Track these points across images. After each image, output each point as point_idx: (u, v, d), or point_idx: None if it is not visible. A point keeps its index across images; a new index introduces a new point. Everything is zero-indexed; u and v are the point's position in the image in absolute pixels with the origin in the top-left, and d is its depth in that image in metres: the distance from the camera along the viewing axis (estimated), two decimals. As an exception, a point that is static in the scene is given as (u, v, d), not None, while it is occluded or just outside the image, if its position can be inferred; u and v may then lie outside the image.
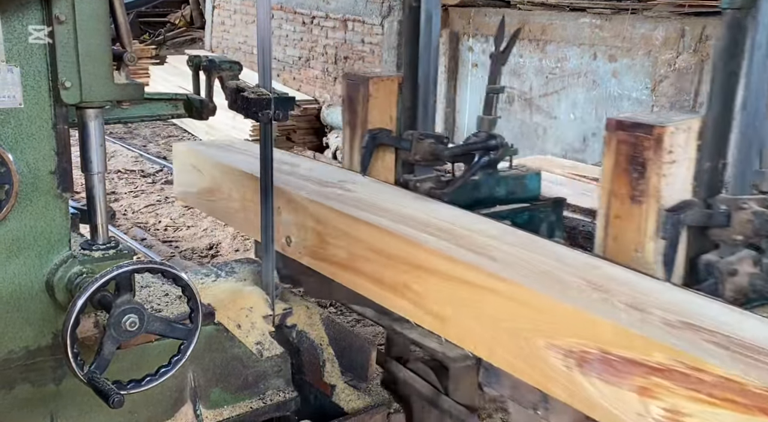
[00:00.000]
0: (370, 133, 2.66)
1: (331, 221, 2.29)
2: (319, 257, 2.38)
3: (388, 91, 2.69)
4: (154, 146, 8.75)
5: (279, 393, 2.48)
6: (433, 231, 2.09)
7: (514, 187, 2.69)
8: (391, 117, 2.72)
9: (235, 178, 2.70)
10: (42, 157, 1.80)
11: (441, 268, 1.92)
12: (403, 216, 2.22)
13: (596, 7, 6.19)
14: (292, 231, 2.46)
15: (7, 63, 1.71)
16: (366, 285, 2.20)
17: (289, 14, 9.57)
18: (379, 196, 2.45)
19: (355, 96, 2.71)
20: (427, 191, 2.53)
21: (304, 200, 2.39)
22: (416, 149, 2.60)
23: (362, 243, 2.17)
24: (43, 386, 2.00)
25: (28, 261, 1.85)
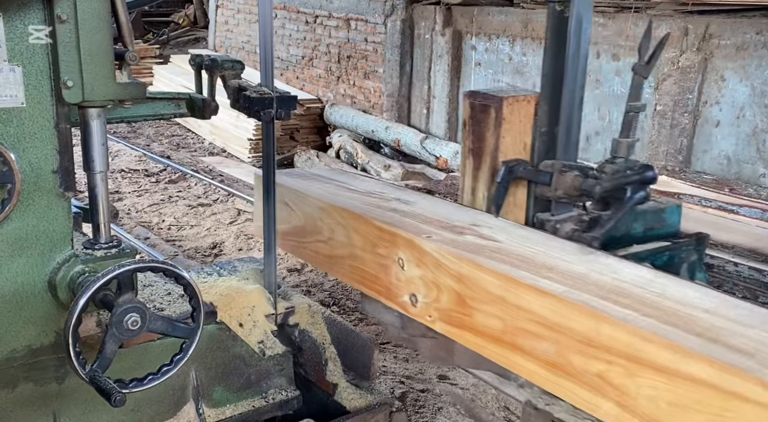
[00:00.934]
0: (507, 166, 2.26)
1: (478, 281, 1.83)
2: (460, 325, 1.92)
3: (524, 113, 2.28)
4: (158, 145, 8.76)
5: (281, 391, 2.49)
6: (631, 302, 1.61)
7: (653, 222, 2.28)
8: (525, 144, 2.30)
9: (341, 219, 2.26)
10: (44, 156, 1.81)
11: (659, 360, 1.44)
12: (577, 277, 1.75)
13: (599, 5, 6.18)
14: (420, 289, 2.01)
15: (9, 62, 1.71)
16: (533, 368, 1.72)
17: (292, 13, 9.57)
18: (529, 246, 1.99)
19: (484, 119, 2.29)
20: (569, 234, 2.16)
21: (438, 252, 1.94)
22: (558, 183, 2.21)
23: (526, 313, 1.71)
24: (46, 385, 2.01)
25: (30, 260, 1.86)
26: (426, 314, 2.01)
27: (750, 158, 5.40)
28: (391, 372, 3.63)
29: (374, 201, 2.31)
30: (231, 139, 8.39)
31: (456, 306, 1.91)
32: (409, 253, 2.02)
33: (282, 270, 4.85)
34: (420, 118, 7.93)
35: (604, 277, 1.76)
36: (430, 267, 1.96)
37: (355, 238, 2.21)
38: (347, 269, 2.28)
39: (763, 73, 5.26)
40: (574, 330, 1.59)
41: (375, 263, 2.14)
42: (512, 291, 1.74)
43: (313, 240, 2.41)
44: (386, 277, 2.11)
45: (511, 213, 2.30)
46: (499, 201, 2.28)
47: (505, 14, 6.86)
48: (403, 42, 7.87)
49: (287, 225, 2.51)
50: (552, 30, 2.29)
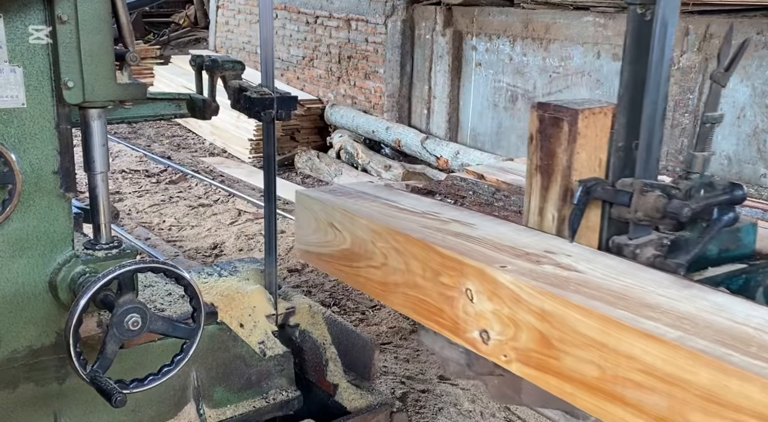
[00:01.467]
0: (585, 186, 2.04)
1: (566, 320, 1.63)
2: (544, 368, 1.71)
3: (600, 128, 2.07)
4: (159, 146, 8.76)
5: (282, 392, 2.49)
6: (757, 350, 1.41)
7: (728, 243, 2.10)
8: (600, 161, 2.10)
9: (396, 243, 2.09)
10: (45, 156, 1.81)
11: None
12: (686, 318, 1.55)
13: (600, 5, 6.18)
14: (493, 326, 1.81)
15: (9, 63, 1.72)
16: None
17: (293, 14, 9.58)
18: (617, 277, 1.79)
19: (555, 133, 2.09)
20: (650, 260, 1.97)
21: (515, 285, 1.74)
22: (638, 204, 2.01)
23: (631, 360, 1.51)
24: (47, 385, 2.01)
25: (31, 260, 1.86)
26: (500, 353, 1.81)
27: (751, 158, 5.40)
28: (392, 373, 3.64)
29: (431, 222, 2.14)
30: (231, 140, 8.39)
31: (539, 347, 1.71)
32: (479, 284, 1.83)
33: (282, 271, 4.85)
34: (420, 118, 7.93)
35: (719, 319, 1.55)
36: (507, 301, 1.77)
37: (413, 265, 2.03)
38: (404, 298, 2.09)
39: (764, 73, 5.26)
40: (693, 383, 1.40)
41: (438, 293, 1.95)
42: (612, 335, 1.53)
43: (365, 266, 2.21)
44: (451, 310, 1.92)
45: (583, 237, 2.08)
46: (575, 225, 2.07)
47: (506, 14, 6.86)
48: (403, 42, 7.87)
49: (334, 249, 2.31)
50: (632, 35, 2.07)
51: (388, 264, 2.13)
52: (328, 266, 2.39)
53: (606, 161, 2.11)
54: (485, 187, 2.79)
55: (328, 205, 2.33)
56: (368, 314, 4.32)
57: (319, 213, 2.36)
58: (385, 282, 2.15)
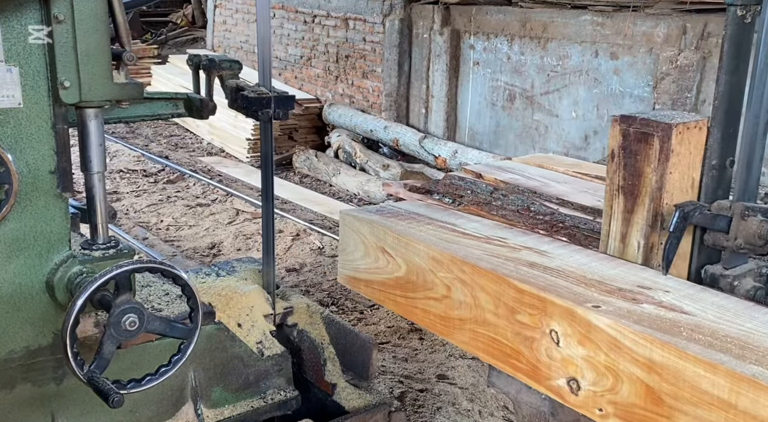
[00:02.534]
0: (682, 211, 1.81)
1: (682, 374, 1.41)
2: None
3: (695, 143, 1.84)
4: (156, 145, 8.75)
5: (280, 392, 2.48)
6: None
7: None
8: (693, 181, 1.88)
9: (464, 275, 1.87)
10: (41, 156, 1.80)
11: None
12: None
13: (598, 4, 6.18)
14: (584, 374, 1.60)
15: (6, 63, 1.71)
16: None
17: (291, 13, 9.57)
18: (733, 320, 1.57)
19: (643, 150, 1.85)
20: (750, 293, 1.80)
21: (614, 329, 1.52)
22: (738, 230, 1.79)
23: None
24: (44, 386, 2.00)
25: (28, 260, 1.85)
26: (594, 406, 1.59)
27: (748, 157, 5.40)
28: (390, 372, 3.63)
29: (499, 250, 1.94)
30: (229, 139, 8.38)
31: (645, 403, 1.49)
32: (567, 326, 1.61)
33: (280, 270, 4.84)
34: (418, 117, 7.92)
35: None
36: (603, 347, 1.55)
37: (482, 299, 1.81)
38: (472, 336, 1.88)
39: (762, 71, 5.26)
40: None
41: (514, 333, 1.75)
42: (745, 395, 1.31)
43: (423, 298, 2.00)
44: (531, 353, 1.72)
45: (672, 265, 1.86)
46: (671, 255, 1.83)
47: (504, 13, 6.85)
48: (401, 41, 7.87)
49: (386, 277, 2.10)
50: (731, 40, 1.85)
51: (451, 297, 1.91)
52: (380, 295, 2.18)
53: (699, 181, 1.91)
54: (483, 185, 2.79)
55: (378, 227, 2.11)
56: (366, 313, 4.32)
57: (368, 236, 2.14)
58: (448, 317, 1.93)
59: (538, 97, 6.67)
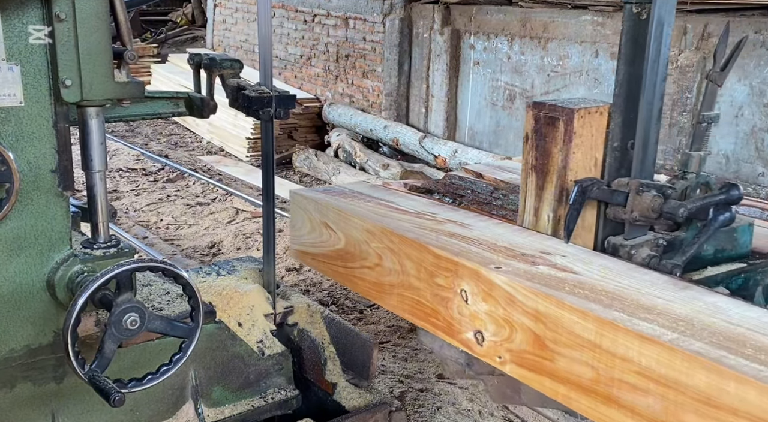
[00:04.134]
0: (580, 185, 2.03)
1: (561, 321, 1.61)
2: (538, 369, 1.70)
3: (596, 127, 2.06)
4: (156, 144, 8.75)
5: (280, 391, 2.49)
6: (753, 352, 1.39)
7: (725, 243, 2.10)
8: (596, 161, 2.10)
9: (391, 244, 2.06)
10: (43, 155, 1.80)
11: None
12: (682, 320, 1.53)
13: (598, 4, 6.18)
14: (487, 327, 1.80)
15: (7, 61, 1.71)
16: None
17: (291, 12, 9.57)
18: (616, 279, 1.77)
19: (551, 133, 2.07)
20: (646, 260, 1.97)
21: (510, 286, 1.73)
22: (634, 204, 1.99)
23: (626, 362, 1.49)
24: (45, 385, 2.00)
25: (29, 259, 1.85)
26: (495, 354, 1.80)
27: (749, 157, 5.41)
28: (390, 372, 3.63)
29: (427, 223, 2.12)
30: (229, 138, 8.38)
31: (533, 349, 1.69)
32: (474, 285, 1.81)
33: (281, 270, 4.84)
34: (418, 117, 7.92)
35: (715, 321, 1.53)
36: (501, 302, 1.75)
37: (408, 266, 2.00)
38: (398, 299, 2.07)
39: (762, 72, 5.27)
40: (689, 386, 1.37)
41: (433, 295, 1.95)
42: (607, 336, 1.51)
43: (359, 267, 2.19)
44: (446, 311, 1.92)
45: (579, 237, 2.08)
46: (571, 225, 2.06)
47: (504, 13, 6.85)
48: (401, 41, 7.87)
49: (328, 249, 2.29)
50: (628, 34, 2.06)
51: (382, 265, 2.10)
52: (323, 266, 2.39)
53: (602, 161, 2.11)
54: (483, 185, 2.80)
55: (322, 204, 2.31)
56: (366, 313, 4.32)
57: (314, 213, 2.33)
58: (379, 283, 2.13)
59: (539, 97, 6.67)
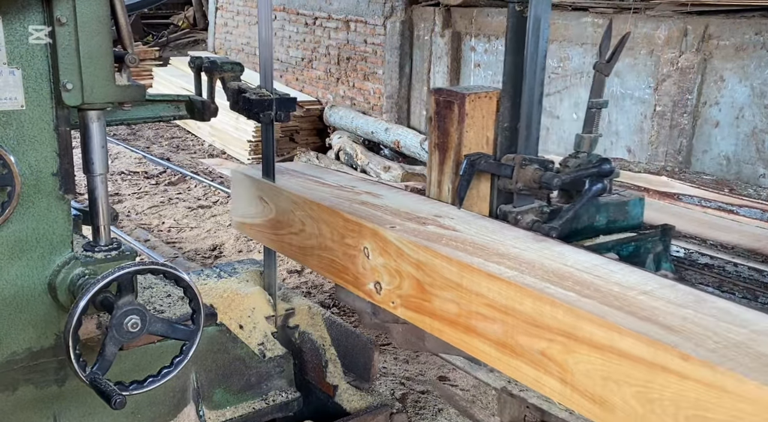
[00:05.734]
0: (469, 159, 2.34)
1: (435, 268, 1.89)
2: (419, 310, 1.98)
3: (486, 110, 2.37)
4: (158, 147, 8.76)
5: (281, 393, 2.49)
6: (573, 284, 1.69)
7: (616, 215, 2.36)
8: (487, 139, 2.40)
9: (311, 211, 2.33)
10: (44, 158, 1.81)
11: (596, 338, 1.51)
12: (529, 263, 1.83)
13: (599, 6, 6.18)
14: (383, 277, 2.06)
15: (8, 65, 1.72)
16: (485, 349, 1.79)
17: (292, 15, 9.58)
18: (488, 235, 2.05)
19: (448, 115, 2.38)
20: (529, 225, 2.24)
21: (400, 241, 1.99)
22: (519, 176, 2.26)
23: (480, 297, 1.77)
24: (46, 387, 2.01)
25: (30, 262, 1.86)
26: (389, 301, 2.08)
27: (749, 158, 5.40)
28: (392, 374, 3.64)
29: (345, 194, 2.39)
30: (231, 141, 8.39)
31: (416, 292, 1.98)
32: (373, 243, 2.09)
33: (282, 272, 4.85)
34: (420, 119, 7.93)
35: (552, 263, 1.83)
36: (393, 255, 2.02)
37: (324, 230, 2.27)
38: (317, 259, 2.34)
39: (763, 73, 5.27)
40: (520, 312, 1.68)
41: (343, 253, 2.21)
42: (466, 277, 1.81)
43: (287, 233, 2.47)
44: (353, 266, 2.18)
45: (475, 206, 2.39)
46: (462, 193, 2.35)
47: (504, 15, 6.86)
48: (402, 43, 7.87)
49: (263, 219, 2.58)
50: (512, 30, 2.35)
51: (305, 231, 2.38)
52: (259, 235, 2.66)
53: (494, 140, 2.42)
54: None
55: (258, 180, 2.58)
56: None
57: (251, 188, 2.61)
58: (303, 247, 2.41)
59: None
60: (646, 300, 1.61)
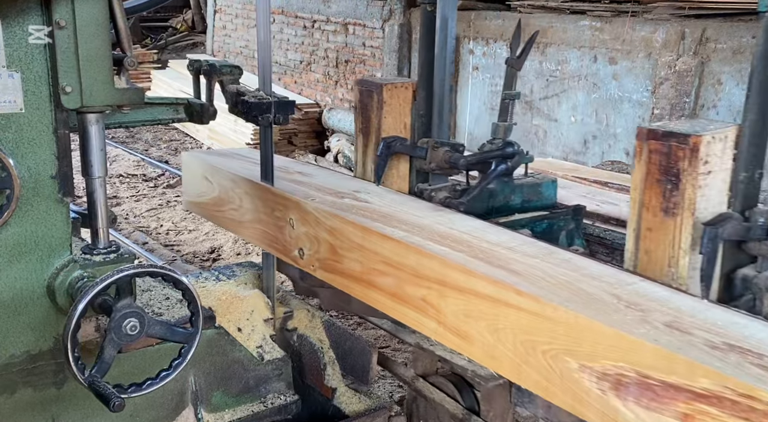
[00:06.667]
0: (385, 141, 2.57)
1: (344, 233, 2.17)
2: (333, 270, 2.25)
3: (402, 98, 2.62)
4: (156, 150, 8.76)
5: (280, 396, 2.49)
6: (450, 243, 1.97)
7: (530, 195, 2.61)
8: (405, 124, 2.64)
9: (247, 189, 2.58)
10: (43, 161, 1.81)
11: (458, 282, 1.81)
12: (420, 227, 2.11)
13: (596, 9, 6.19)
14: (305, 244, 2.33)
15: (7, 68, 1.72)
16: (382, 299, 2.08)
17: (290, 18, 9.59)
18: (394, 206, 2.33)
19: (369, 103, 2.63)
20: (442, 201, 2.45)
21: (317, 211, 2.27)
22: (431, 157, 2.51)
23: (377, 255, 2.05)
24: (45, 390, 2.01)
25: (29, 265, 1.86)
26: (310, 264, 2.35)
27: (747, 161, 5.41)
28: (390, 377, 3.63)
29: (279, 174, 2.62)
30: (229, 144, 8.39)
31: (330, 255, 2.25)
32: (297, 214, 2.35)
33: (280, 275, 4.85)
34: (418, 122, 7.93)
35: (441, 227, 2.13)
36: (312, 224, 2.29)
37: (258, 205, 2.55)
38: (252, 231, 2.61)
39: (760, 76, 5.27)
40: (407, 265, 1.97)
41: (273, 225, 2.47)
42: (368, 239, 2.09)
43: (228, 209, 2.74)
44: (282, 236, 2.44)
45: (395, 184, 2.64)
46: (380, 171, 2.61)
47: (503, 19, 6.88)
48: (401, 46, 7.88)
49: (208, 197, 2.86)
50: (424, 27, 2.63)
51: (242, 206, 2.64)
52: (205, 212, 2.96)
53: (411, 125, 2.66)
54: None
55: (204, 162, 2.88)
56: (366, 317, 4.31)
57: (198, 169, 2.89)
58: (240, 221, 2.68)
59: (537, 101, 6.69)
60: (507, 253, 1.92)
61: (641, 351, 1.44)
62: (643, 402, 1.45)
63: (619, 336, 1.48)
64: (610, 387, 1.50)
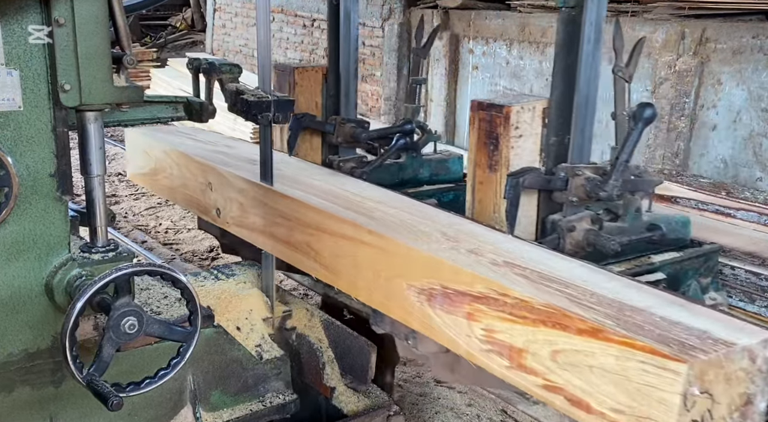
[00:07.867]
0: (295, 117, 2.93)
1: (249, 192, 2.50)
2: (242, 225, 2.59)
3: (313, 80, 3.10)
4: (155, 149, 8.75)
5: (279, 395, 2.49)
6: (332, 198, 2.34)
7: (438, 169, 3.03)
8: (316, 103, 3.10)
9: (177, 159, 2.94)
10: (41, 159, 1.81)
11: (330, 227, 2.19)
12: (314, 187, 2.48)
13: (596, 9, 6.18)
14: (220, 204, 2.68)
15: (6, 66, 1.71)
16: (278, 247, 2.43)
17: (290, 17, 9.58)
18: (299, 172, 2.70)
19: (284, 84, 3.07)
20: (349, 170, 2.81)
21: (230, 176, 2.59)
22: (339, 132, 2.95)
23: (274, 210, 2.40)
24: (43, 388, 2.00)
25: (27, 263, 1.85)
26: (225, 222, 2.67)
27: (746, 162, 5.42)
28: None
29: (206, 146, 3.01)
30: (228, 143, 8.38)
31: (240, 213, 2.57)
32: (215, 178, 2.69)
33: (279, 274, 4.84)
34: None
35: (332, 187, 2.46)
36: (225, 186, 2.61)
37: (185, 173, 2.88)
38: (182, 196, 2.95)
39: (760, 76, 5.28)
40: (296, 218, 2.31)
41: (199, 189, 2.80)
42: (270, 197, 2.40)
43: (162, 177, 3.10)
44: (203, 198, 2.77)
45: (309, 156, 3.00)
46: (291, 144, 2.98)
47: (502, 18, 6.87)
48: (400, 45, 7.88)
49: (148, 169, 3.23)
50: (330, 19, 3.09)
51: (174, 174, 2.98)
52: (145, 182, 3.37)
53: (323, 104, 3.11)
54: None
55: (145, 137, 3.26)
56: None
57: (140, 144, 3.28)
58: (172, 187, 3.02)
59: (537, 101, 6.68)
60: (374, 205, 2.29)
61: (444, 268, 1.84)
62: (445, 308, 1.84)
63: (433, 259, 1.87)
64: (426, 299, 1.89)
